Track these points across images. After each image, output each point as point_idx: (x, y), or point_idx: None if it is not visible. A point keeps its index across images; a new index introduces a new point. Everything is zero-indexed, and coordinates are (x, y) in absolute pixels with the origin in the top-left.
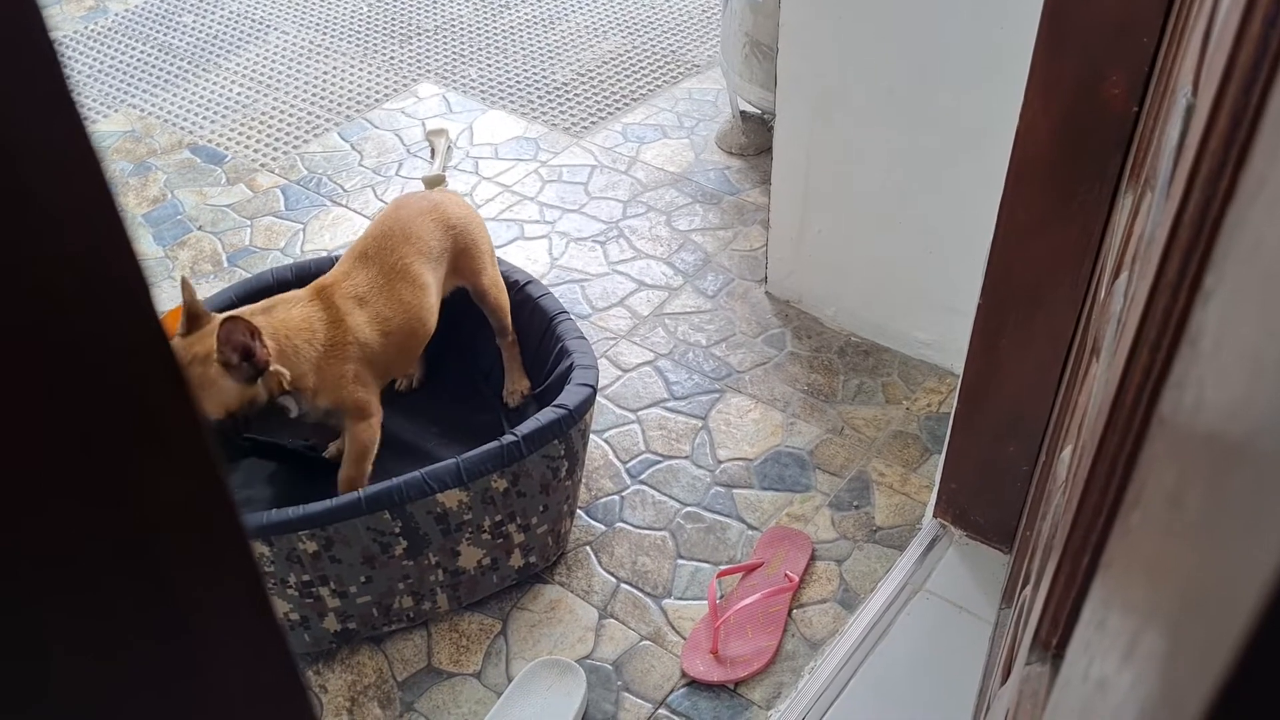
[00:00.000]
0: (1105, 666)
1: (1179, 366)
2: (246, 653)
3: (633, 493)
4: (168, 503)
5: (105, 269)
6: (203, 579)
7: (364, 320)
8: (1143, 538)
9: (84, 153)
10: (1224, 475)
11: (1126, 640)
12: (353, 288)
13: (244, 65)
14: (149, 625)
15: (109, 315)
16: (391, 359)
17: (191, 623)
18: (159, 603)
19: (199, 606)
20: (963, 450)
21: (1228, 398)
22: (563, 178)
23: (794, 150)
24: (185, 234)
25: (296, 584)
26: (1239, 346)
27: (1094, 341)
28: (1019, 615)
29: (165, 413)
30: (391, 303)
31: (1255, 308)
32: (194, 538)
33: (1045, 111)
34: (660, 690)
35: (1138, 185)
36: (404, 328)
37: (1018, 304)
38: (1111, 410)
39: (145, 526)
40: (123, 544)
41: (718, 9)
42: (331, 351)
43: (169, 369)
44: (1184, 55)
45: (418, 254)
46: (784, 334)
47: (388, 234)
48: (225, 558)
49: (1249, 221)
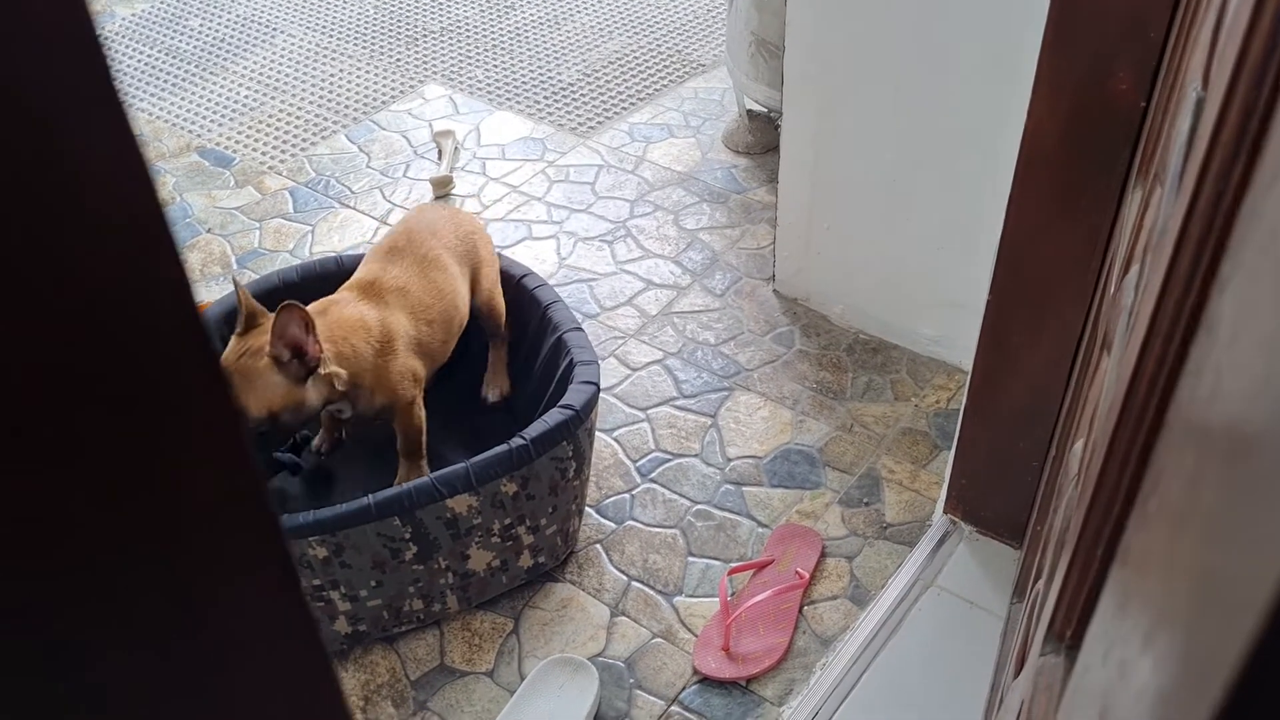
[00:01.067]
0: (1126, 651)
1: (1196, 354)
2: (281, 650)
3: (643, 491)
4: (205, 504)
5: (149, 267)
6: (237, 579)
7: (408, 310)
8: (1160, 526)
9: (129, 150)
10: (1240, 462)
11: (1146, 629)
12: (394, 280)
13: (251, 68)
14: (185, 624)
15: (152, 313)
16: (435, 348)
17: (226, 621)
18: (194, 603)
19: (233, 606)
20: (973, 446)
21: (1245, 385)
22: (570, 178)
23: (801, 148)
24: (194, 237)
25: (307, 588)
26: (1256, 333)
27: (1104, 335)
28: (1032, 608)
29: (205, 414)
30: (430, 291)
31: (1272, 295)
32: (231, 538)
33: (1053, 107)
34: (672, 687)
35: (1147, 179)
36: (444, 315)
37: (1027, 299)
38: (1124, 403)
39: (182, 527)
40: (158, 544)
41: (723, 8)
42: (388, 347)
43: (211, 370)
44: (1193, 49)
45: (444, 247)
46: (792, 332)
47: (414, 229)
48: (261, 557)
49: (1264, 212)
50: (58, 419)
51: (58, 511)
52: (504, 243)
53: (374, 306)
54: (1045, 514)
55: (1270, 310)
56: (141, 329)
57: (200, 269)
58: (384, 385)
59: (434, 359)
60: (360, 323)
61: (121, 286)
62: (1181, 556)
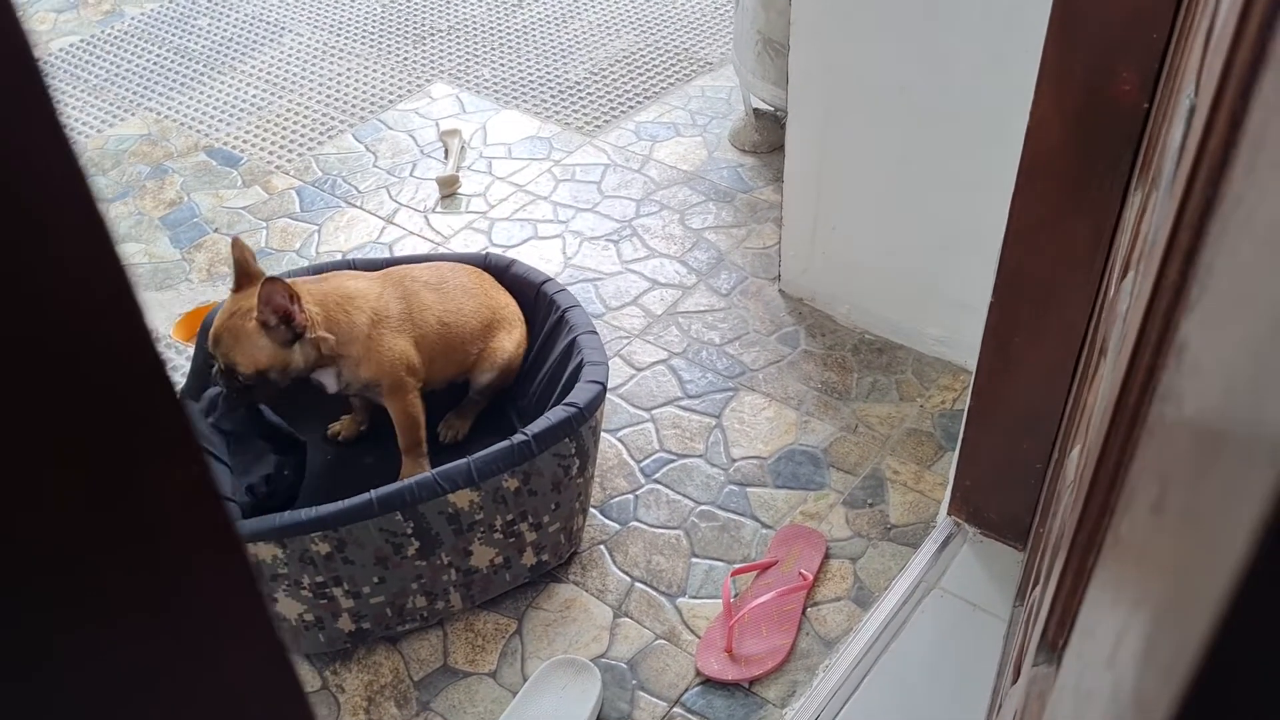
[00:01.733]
0: (1092, 677)
1: (1166, 376)
2: (242, 654)
3: (647, 491)
4: (161, 505)
5: (91, 275)
6: (197, 580)
7: (431, 303)
8: (1129, 545)
9: (68, 161)
10: (1200, 481)
11: (1111, 646)
12: (427, 276)
13: (259, 68)
14: (146, 626)
15: (99, 323)
16: (437, 355)
17: (187, 622)
18: (154, 604)
19: (191, 609)
20: (977, 447)
21: (1205, 411)
22: (576, 177)
23: (806, 148)
24: (202, 236)
25: (310, 585)
26: (1216, 360)
27: (1103, 340)
28: (1029, 614)
29: (155, 415)
30: (457, 305)
31: (1231, 322)
32: (188, 537)
33: (1056, 107)
34: (675, 689)
35: (1147, 183)
36: (460, 333)
37: (1030, 301)
38: (1114, 412)
39: (139, 528)
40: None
41: (730, 6)
42: (384, 323)
43: (157, 374)
44: (1189, 54)
45: (484, 304)
46: (797, 332)
47: (461, 270)
48: (220, 558)
49: (1226, 236)
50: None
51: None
52: (510, 242)
53: (384, 286)
54: (1047, 517)
55: (1232, 337)
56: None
57: (208, 269)
58: (371, 359)
59: (429, 364)
60: (360, 294)
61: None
62: (1154, 556)
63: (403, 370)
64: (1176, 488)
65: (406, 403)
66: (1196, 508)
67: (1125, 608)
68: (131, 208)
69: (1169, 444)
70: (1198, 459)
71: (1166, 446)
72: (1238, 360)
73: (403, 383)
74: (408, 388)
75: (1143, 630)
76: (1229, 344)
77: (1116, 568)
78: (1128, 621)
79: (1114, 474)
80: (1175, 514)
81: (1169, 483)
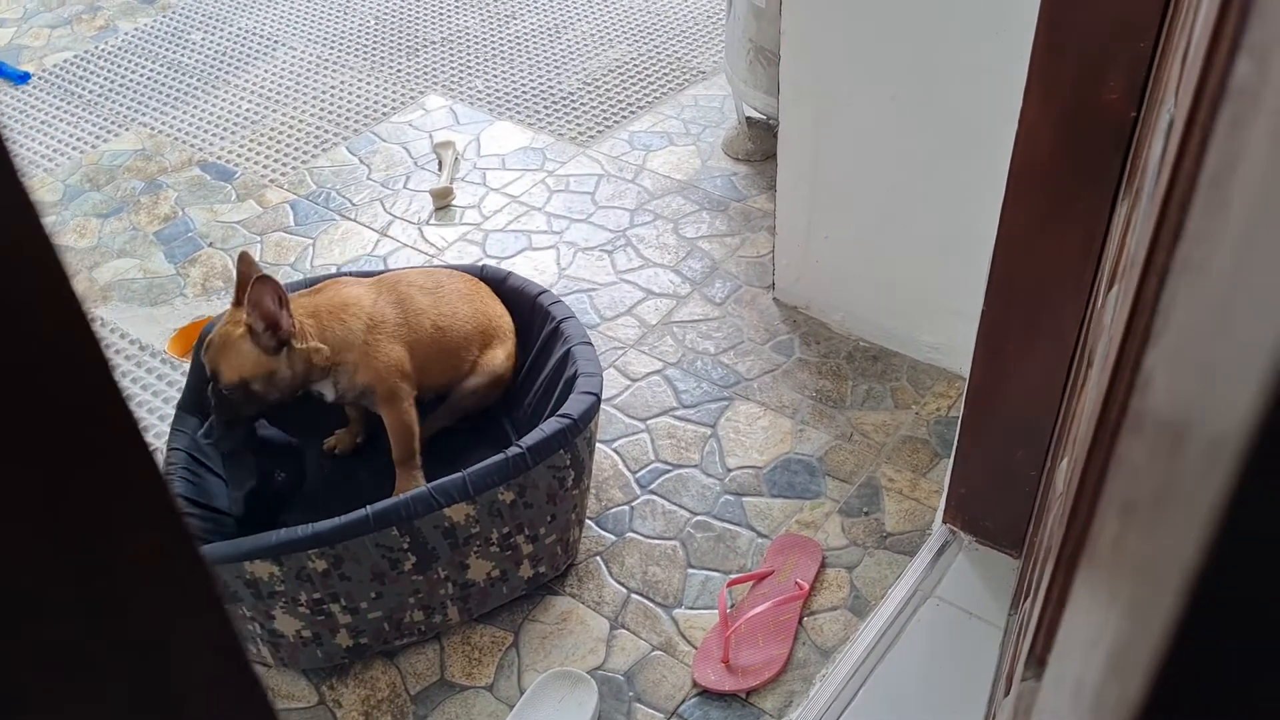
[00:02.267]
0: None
1: (1136, 397)
2: (217, 693)
3: (642, 502)
4: (127, 546)
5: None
6: (168, 621)
7: (425, 306)
8: (1100, 564)
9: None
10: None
11: (1077, 675)
12: (422, 281)
13: (253, 81)
14: (120, 677)
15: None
16: (431, 361)
17: (163, 672)
18: (125, 646)
19: (168, 656)
20: (971, 455)
21: (1167, 434)
22: (570, 187)
23: (799, 156)
24: (196, 251)
25: (307, 601)
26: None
27: (1091, 350)
28: (1020, 626)
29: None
30: (452, 309)
31: (1189, 365)
32: (156, 573)
33: (1044, 115)
34: (672, 700)
35: (1133, 193)
36: (454, 337)
37: (1022, 308)
38: (1097, 428)
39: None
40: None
41: (722, 15)
42: (380, 329)
43: (115, 403)
44: (1171, 64)
45: (479, 310)
46: (792, 340)
47: (457, 276)
48: (191, 599)
49: (1186, 275)
50: None
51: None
52: (504, 254)
53: (378, 292)
54: (1041, 526)
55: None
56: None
57: (203, 283)
58: (368, 366)
59: (423, 369)
60: (355, 301)
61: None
62: (1123, 557)
63: (397, 376)
64: (1137, 516)
65: (401, 411)
66: (1147, 549)
67: (1091, 632)
68: (126, 223)
69: (1133, 470)
70: (1154, 491)
71: (1130, 472)
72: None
73: (397, 389)
74: (402, 395)
75: (1100, 661)
76: (1183, 382)
77: (1089, 589)
78: (1090, 648)
79: (1093, 491)
80: (1132, 545)
81: (1132, 509)
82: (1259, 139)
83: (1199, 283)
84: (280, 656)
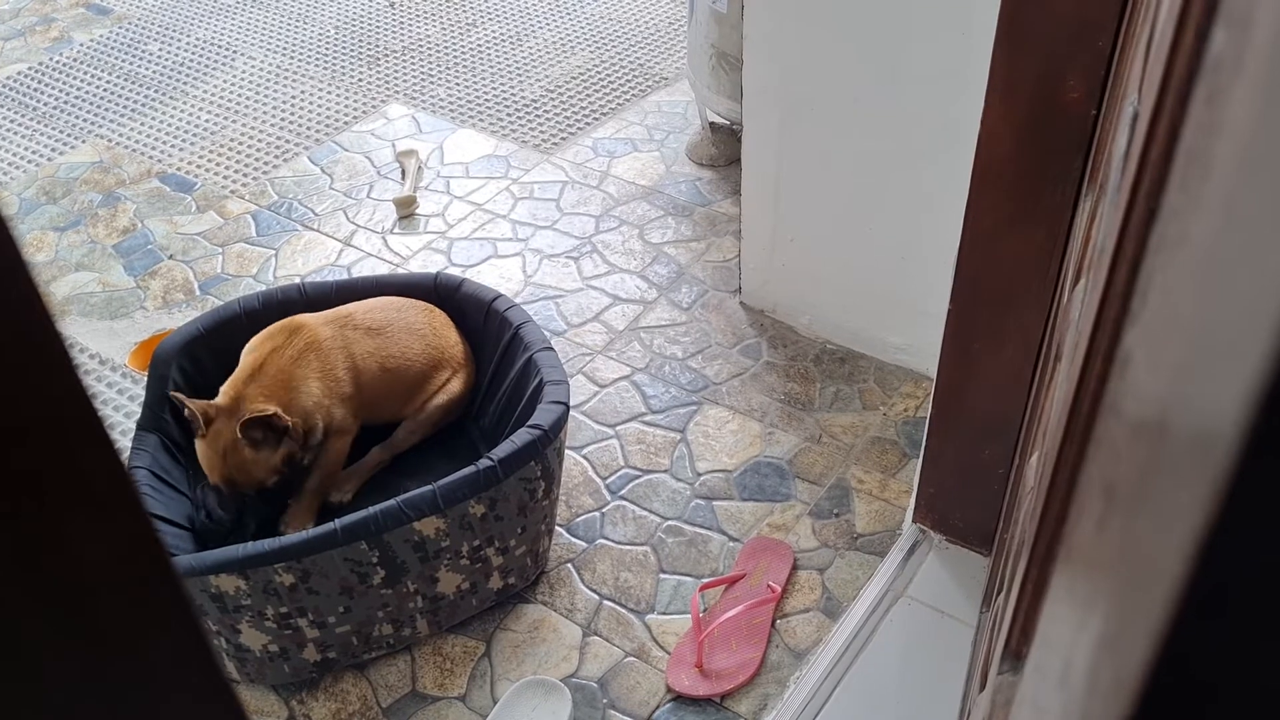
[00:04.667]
0: (1046, 692)
1: (1111, 385)
2: (193, 707)
3: (613, 508)
4: (99, 560)
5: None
6: (140, 636)
7: (372, 349)
8: (1080, 554)
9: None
10: (1142, 490)
11: (1063, 660)
12: (369, 322)
13: (211, 92)
14: (88, 691)
15: (24, 373)
16: (380, 398)
17: (132, 684)
18: (96, 661)
19: (138, 663)
20: (939, 455)
21: (1148, 422)
22: (534, 194)
23: (763, 160)
24: (156, 263)
25: (274, 616)
26: (1157, 373)
27: (1059, 346)
28: (994, 621)
29: (90, 467)
30: (401, 349)
31: (1170, 335)
32: (128, 592)
33: (1006, 115)
34: (646, 706)
35: (1096, 189)
36: (404, 376)
37: (987, 307)
38: (1068, 420)
39: (79, 588)
40: (54, 602)
41: (684, 22)
42: (329, 373)
43: (89, 422)
44: (1133, 60)
45: (430, 344)
46: (760, 344)
47: (410, 309)
48: (161, 612)
49: (1163, 253)
50: None
51: None
52: (469, 261)
53: (316, 336)
54: (1010, 523)
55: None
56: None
57: (163, 296)
58: (324, 406)
59: (374, 405)
60: (295, 364)
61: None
62: (1099, 572)
63: (340, 409)
64: (1120, 502)
65: (342, 445)
66: (1135, 528)
67: (1075, 621)
68: (84, 236)
69: (1114, 456)
70: (1139, 474)
71: (1111, 458)
72: (1175, 377)
73: (343, 422)
74: (347, 429)
75: (1089, 649)
76: (1167, 359)
77: (1069, 579)
78: (1076, 636)
79: (1068, 481)
80: (1116, 531)
81: (1114, 495)
82: (1240, 104)
83: (1179, 256)
84: (246, 671)
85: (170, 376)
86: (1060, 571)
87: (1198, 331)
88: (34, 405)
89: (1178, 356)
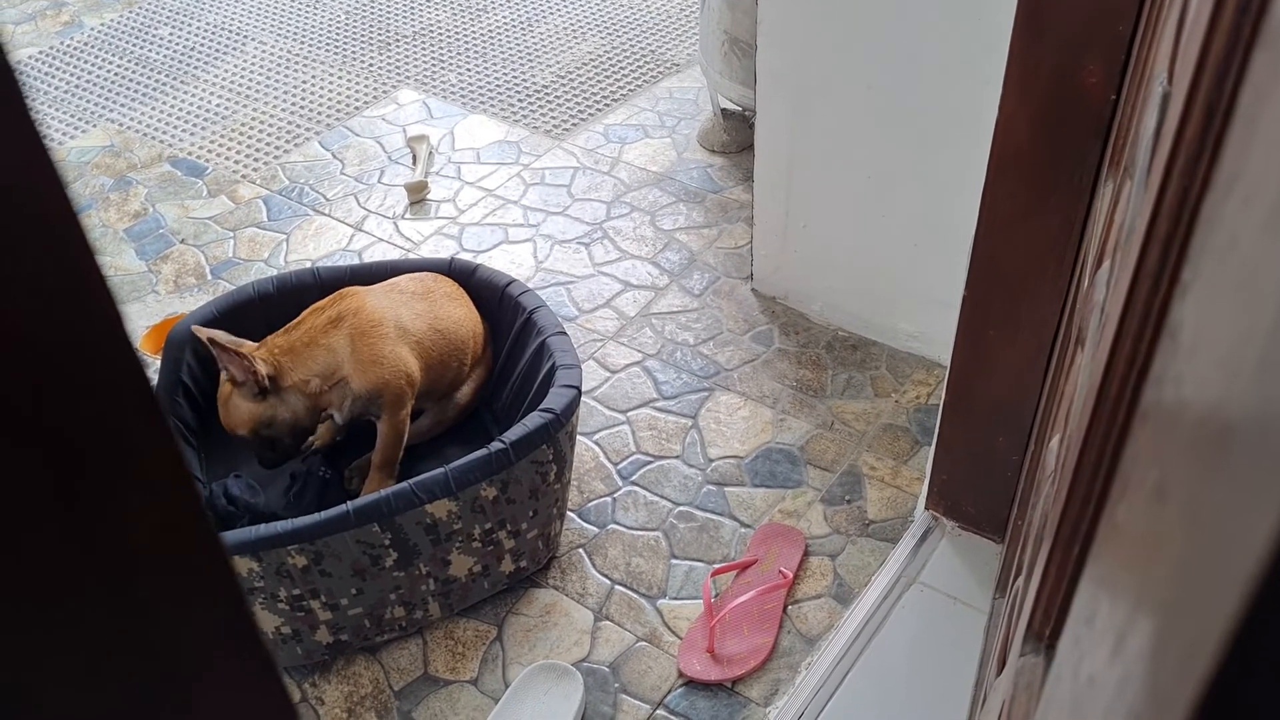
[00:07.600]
0: (1094, 663)
1: (1159, 361)
2: (236, 683)
3: (624, 494)
4: (148, 536)
5: (77, 301)
6: (186, 611)
7: (421, 311)
8: (1129, 532)
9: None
10: (1206, 469)
11: (1115, 635)
12: (414, 287)
13: (222, 76)
14: (135, 662)
15: (82, 349)
16: (436, 363)
17: (178, 657)
18: (144, 638)
19: (184, 640)
20: (952, 442)
21: (1206, 395)
22: (545, 180)
23: (776, 147)
24: (168, 248)
25: (287, 598)
26: (1215, 344)
27: (1079, 331)
28: (1012, 606)
29: (141, 445)
30: (447, 312)
31: (1231, 306)
32: (176, 570)
33: (1023, 101)
34: (658, 691)
35: (1118, 173)
36: (454, 339)
37: (1002, 294)
38: (1097, 401)
39: (127, 561)
40: (105, 579)
41: (696, 7)
42: (367, 331)
43: (143, 400)
44: (1159, 42)
45: (470, 313)
46: (771, 330)
47: (444, 280)
48: (209, 589)
49: (1222, 218)
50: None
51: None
52: (480, 247)
53: (359, 301)
54: (1025, 509)
55: (1228, 321)
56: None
57: (175, 280)
58: (365, 373)
59: (438, 368)
60: (330, 321)
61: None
62: (1157, 548)
63: (404, 380)
64: (1179, 477)
65: (399, 418)
66: (1204, 501)
67: (1130, 598)
68: (95, 220)
69: (1166, 429)
70: (1202, 448)
71: (1163, 432)
72: (1241, 346)
73: (402, 395)
74: (405, 400)
75: (1152, 623)
76: (1230, 328)
77: (1115, 556)
78: (1133, 613)
79: (1098, 461)
80: (1179, 505)
81: (1170, 470)
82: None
83: (1244, 215)
84: None
85: (184, 360)
86: (1101, 552)
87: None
88: (89, 371)
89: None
